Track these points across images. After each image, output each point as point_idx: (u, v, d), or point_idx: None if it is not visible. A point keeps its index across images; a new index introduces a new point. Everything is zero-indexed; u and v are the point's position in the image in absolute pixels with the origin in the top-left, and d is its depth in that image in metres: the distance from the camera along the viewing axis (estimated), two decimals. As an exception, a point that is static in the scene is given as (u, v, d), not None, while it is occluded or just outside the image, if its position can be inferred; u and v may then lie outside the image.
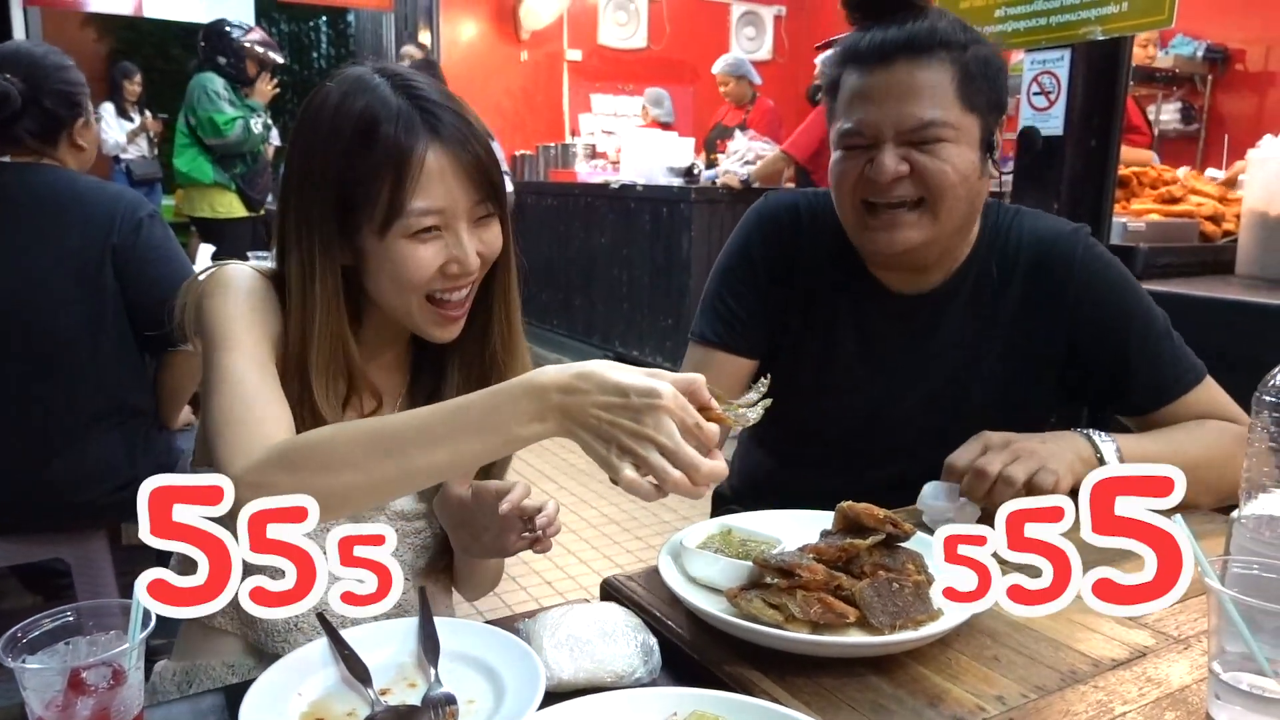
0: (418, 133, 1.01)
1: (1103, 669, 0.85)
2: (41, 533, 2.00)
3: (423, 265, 1.03)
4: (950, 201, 1.26)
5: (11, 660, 0.69)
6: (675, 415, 0.76)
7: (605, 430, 0.77)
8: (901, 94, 1.23)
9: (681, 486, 0.76)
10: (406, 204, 1.00)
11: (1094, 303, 1.34)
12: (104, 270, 1.85)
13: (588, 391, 0.77)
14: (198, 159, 5.02)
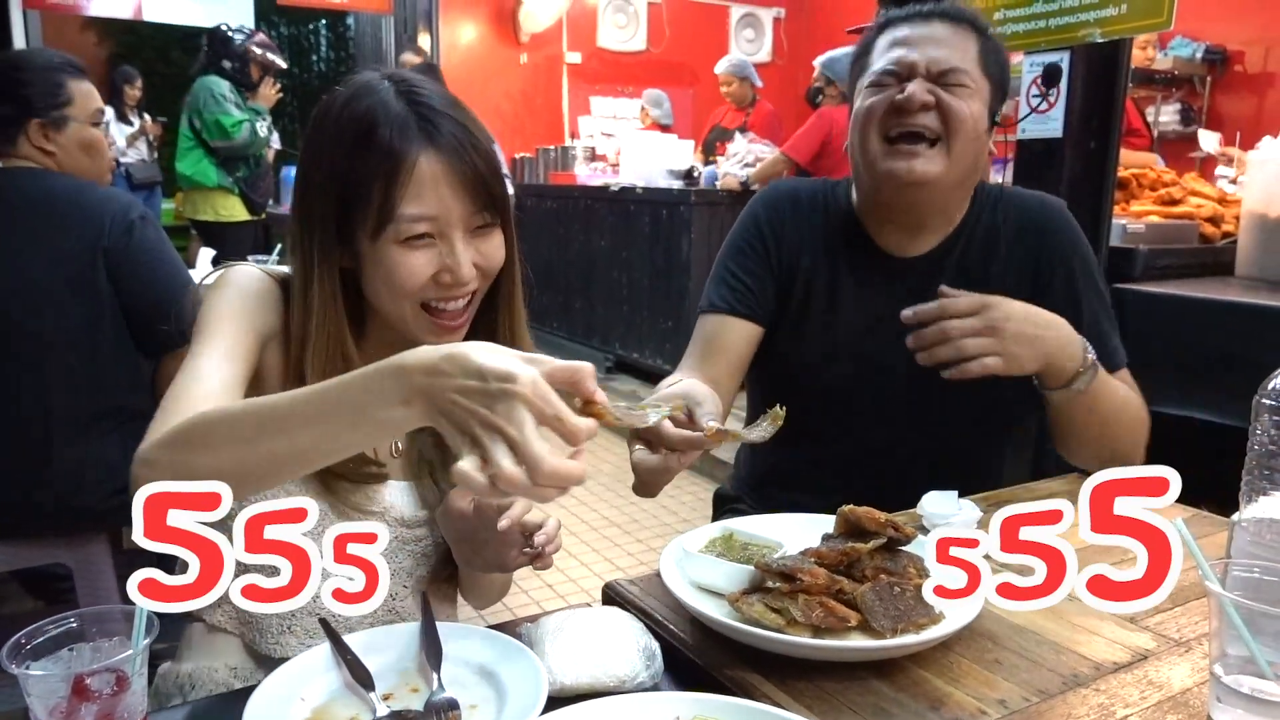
0: (412, 138, 1.00)
1: (1104, 672, 0.86)
2: (42, 536, 2.00)
3: (414, 273, 1.02)
4: (963, 142, 1.36)
5: (15, 666, 0.69)
6: (532, 404, 0.69)
7: (460, 418, 0.70)
8: (937, 42, 1.38)
9: (514, 483, 0.67)
10: (397, 209, 1.00)
11: (1066, 265, 1.45)
12: (97, 273, 1.85)
13: (450, 375, 0.71)
14: (201, 162, 5.03)
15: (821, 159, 4.87)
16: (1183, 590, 1.00)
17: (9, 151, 1.92)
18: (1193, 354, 2.45)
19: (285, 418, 0.78)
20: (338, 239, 1.04)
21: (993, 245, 1.46)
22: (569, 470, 0.69)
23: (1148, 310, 2.54)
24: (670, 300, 5.22)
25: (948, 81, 1.36)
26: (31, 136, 1.91)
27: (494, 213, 1.06)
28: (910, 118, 1.34)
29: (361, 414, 0.75)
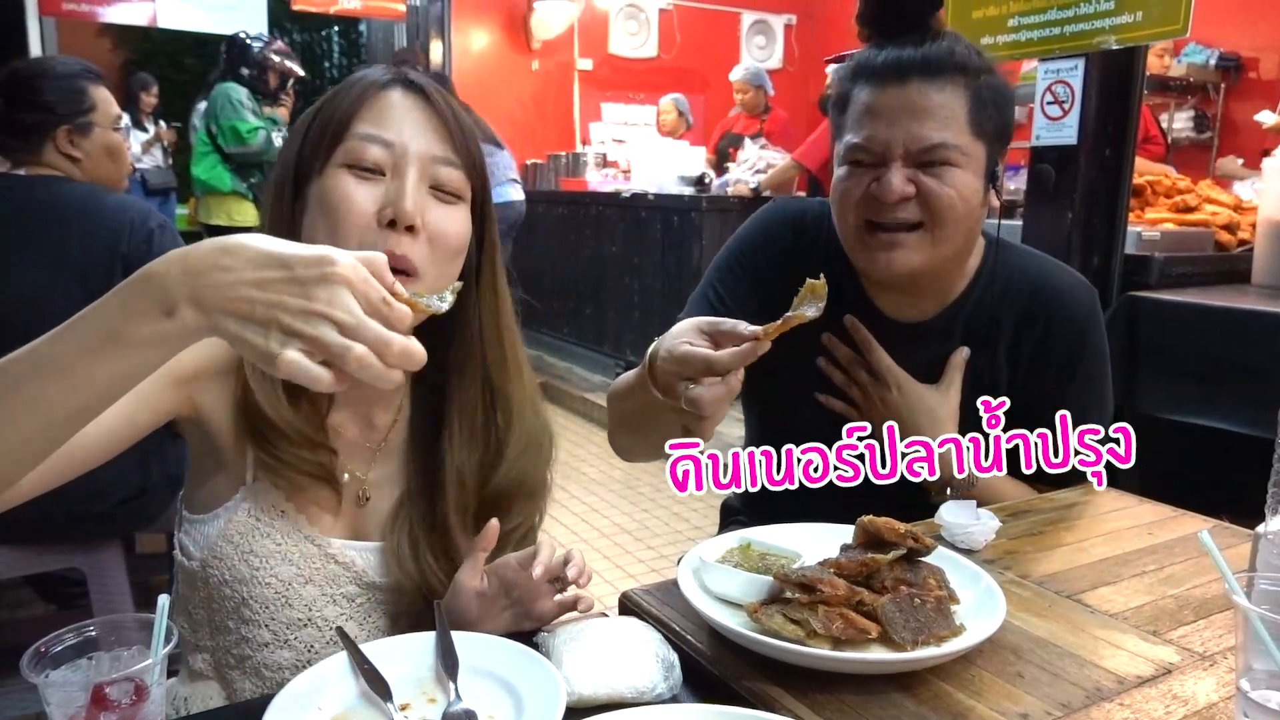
0: (390, 78, 0.98)
1: (1128, 686, 0.85)
2: (56, 542, 2.01)
3: (354, 202, 0.93)
4: (951, 227, 1.25)
5: (35, 674, 0.69)
6: (356, 288, 0.64)
7: (261, 312, 0.63)
8: (914, 113, 1.22)
9: (366, 364, 0.63)
10: (351, 126, 0.95)
11: (1070, 354, 1.36)
12: (113, 280, 1.84)
13: (233, 269, 0.64)
14: (217, 167, 5.09)
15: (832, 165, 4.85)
16: (1206, 603, 1.00)
17: (32, 159, 1.93)
18: (1208, 362, 2.43)
19: (34, 370, 0.68)
20: (291, 195, 0.98)
21: (1002, 320, 1.36)
22: (417, 349, 0.65)
23: (1163, 318, 2.52)
24: (682, 306, 5.18)
25: (931, 160, 1.22)
26: (59, 143, 1.93)
27: (459, 174, 0.98)
28: (889, 210, 1.24)
29: (117, 336, 0.66)
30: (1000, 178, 1.32)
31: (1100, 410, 1.41)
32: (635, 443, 1.35)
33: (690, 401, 0.97)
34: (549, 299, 6.59)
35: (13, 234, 1.86)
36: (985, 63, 1.27)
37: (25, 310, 1.83)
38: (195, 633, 1.07)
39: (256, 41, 5.15)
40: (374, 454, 1.08)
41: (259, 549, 1.00)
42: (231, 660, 1.04)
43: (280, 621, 1.02)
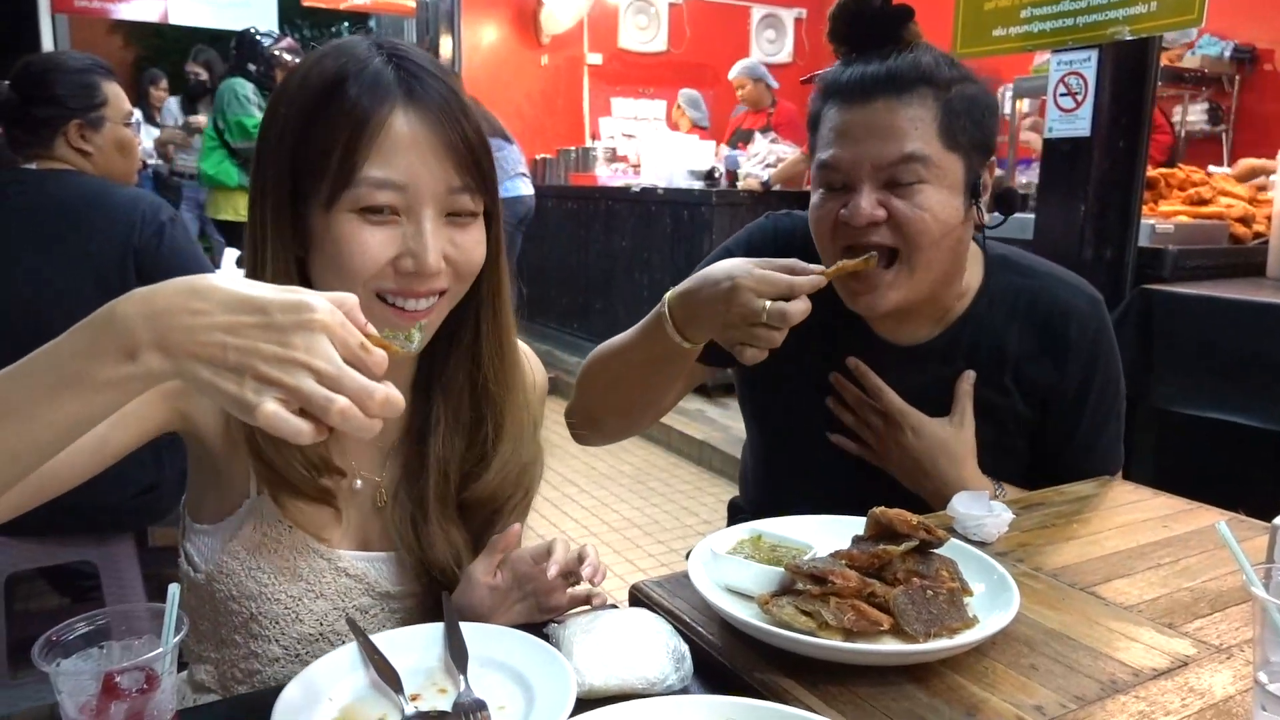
0: (388, 91, 0.86)
1: (1143, 679, 0.84)
2: (69, 534, 2.02)
3: (368, 251, 0.86)
4: (928, 252, 1.21)
5: (46, 663, 0.69)
6: (335, 334, 0.62)
7: (234, 358, 0.61)
8: (880, 131, 1.19)
9: (350, 415, 0.61)
10: (359, 169, 0.85)
11: (1082, 378, 1.34)
12: (126, 273, 1.87)
13: (203, 312, 0.61)
14: (224, 163, 5.11)
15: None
16: (1222, 596, 0.99)
17: (44, 154, 1.94)
18: (1223, 356, 2.41)
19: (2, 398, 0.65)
20: (290, 217, 0.90)
21: (1007, 343, 1.33)
22: (396, 397, 0.64)
23: (1177, 312, 2.50)
24: (691, 301, 5.21)
25: (900, 179, 1.18)
26: (70, 137, 1.94)
27: (477, 197, 0.92)
28: (861, 234, 1.20)
29: (76, 379, 0.63)
30: (985, 191, 1.27)
31: (1115, 421, 1.40)
32: (615, 405, 1.40)
33: (776, 314, 1.08)
34: (558, 293, 6.59)
35: (26, 228, 1.86)
36: (959, 72, 1.23)
37: (40, 304, 1.85)
38: (200, 644, 1.04)
39: (266, 38, 5.17)
40: (385, 456, 1.05)
41: (266, 565, 0.98)
42: (239, 674, 1.02)
43: (291, 636, 1.00)
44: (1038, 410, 1.35)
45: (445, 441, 1.03)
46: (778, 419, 1.46)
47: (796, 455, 1.45)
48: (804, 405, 1.39)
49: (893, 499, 1.19)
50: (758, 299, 1.09)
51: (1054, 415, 1.35)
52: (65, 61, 2.00)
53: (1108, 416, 1.38)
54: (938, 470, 1.29)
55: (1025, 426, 1.36)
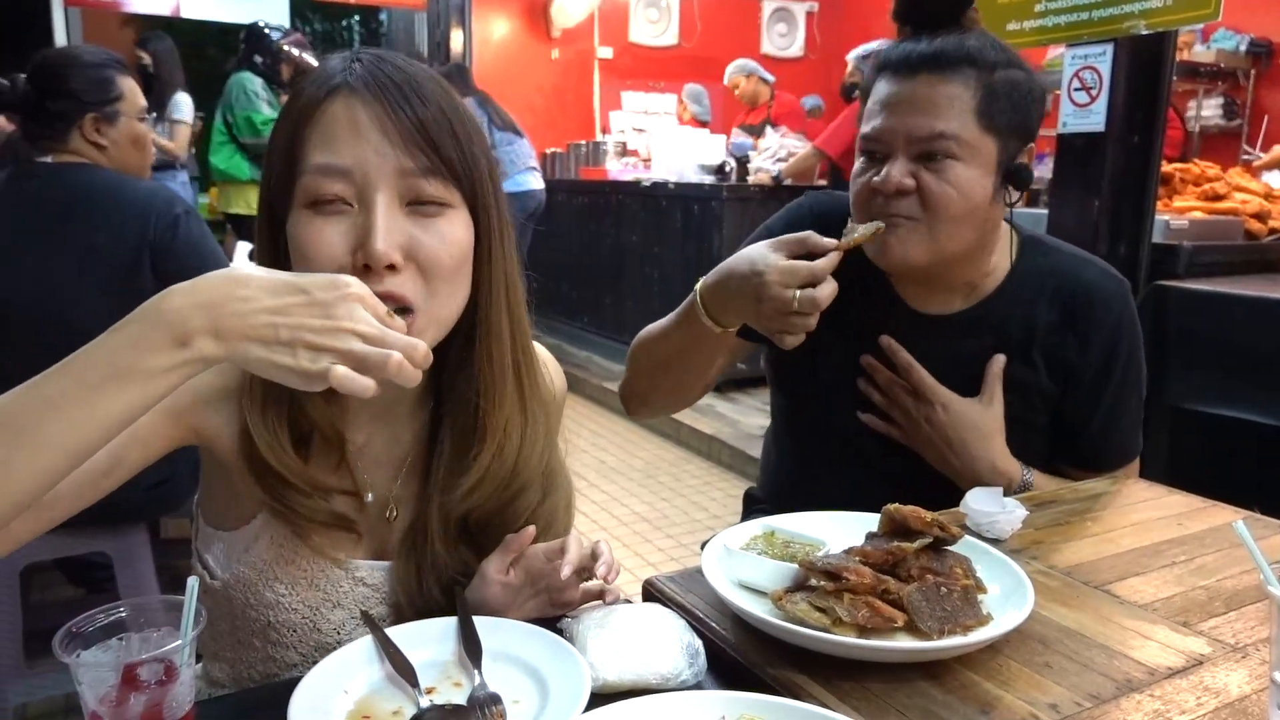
0: (330, 78, 0.85)
1: (1158, 677, 0.84)
2: (84, 526, 2.03)
3: (321, 245, 0.83)
4: (950, 225, 1.25)
5: (66, 654, 0.69)
6: (368, 303, 0.71)
7: (286, 335, 0.68)
8: (919, 105, 1.24)
9: (405, 369, 0.70)
10: (303, 159, 0.83)
11: (1105, 359, 1.35)
12: (140, 267, 1.88)
13: (250, 298, 0.68)
14: (234, 157, 5.14)
15: (853, 153, 4.82)
16: (1237, 594, 0.99)
17: (59, 147, 1.95)
18: (1238, 353, 2.40)
19: (40, 411, 0.68)
20: (269, 232, 0.90)
21: (1035, 319, 1.35)
22: (426, 347, 0.73)
23: (1191, 308, 2.49)
24: (701, 296, 5.20)
25: (932, 152, 1.23)
26: (85, 131, 1.95)
27: (443, 182, 0.85)
28: (889, 203, 1.25)
29: (128, 371, 0.67)
30: (1023, 176, 1.29)
31: (1135, 405, 1.41)
32: (662, 385, 1.49)
33: (807, 301, 1.15)
34: (569, 288, 6.59)
35: (41, 220, 1.88)
36: (1006, 57, 1.26)
37: (57, 296, 1.86)
38: (216, 642, 1.04)
39: (275, 32, 5.17)
40: (399, 469, 1.02)
41: (284, 575, 0.97)
42: (256, 675, 1.02)
43: (309, 644, 0.99)
44: (1061, 386, 1.36)
45: (449, 460, 0.98)
46: (807, 395, 1.47)
47: (824, 436, 1.46)
48: (835, 378, 1.42)
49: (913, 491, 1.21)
50: (786, 290, 1.15)
51: (1076, 393, 1.36)
52: (81, 56, 2.01)
53: (1128, 399, 1.40)
54: (966, 448, 1.31)
55: (1049, 402, 1.37)
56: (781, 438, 1.56)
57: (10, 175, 1.93)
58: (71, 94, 1.93)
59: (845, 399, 1.41)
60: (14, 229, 1.87)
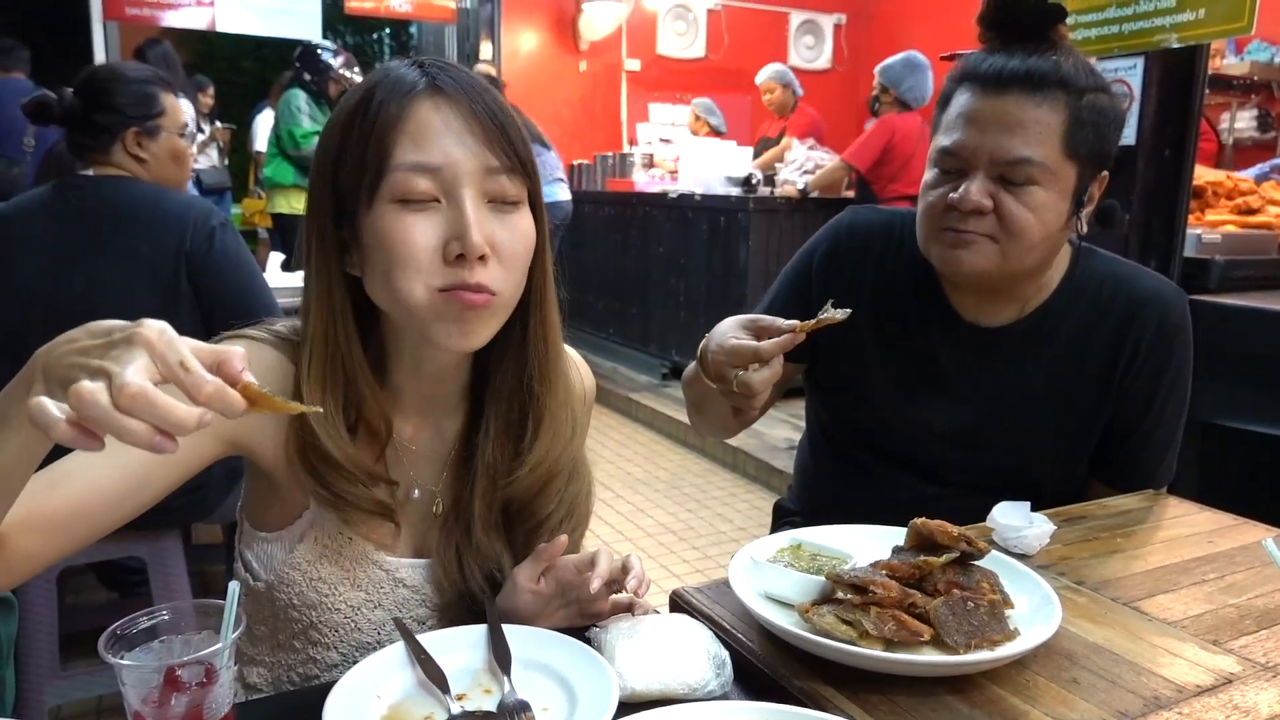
0: (412, 85, 0.88)
1: (1187, 695, 0.83)
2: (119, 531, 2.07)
3: (412, 237, 0.86)
4: (1024, 249, 1.25)
5: (111, 656, 0.71)
6: (153, 348, 0.62)
7: (69, 374, 0.63)
8: (1006, 125, 1.21)
9: (87, 400, 0.58)
10: (392, 158, 0.86)
11: (1155, 377, 1.34)
12: (178, 278, 1.92)
13: (75, 339, 0.66)
14: (282, 165, 5.50)
15: (882, 166, 4.83)
16: (1269, 613, 0.98)
17: (101, 159, 2.00)
18: (1270, 368, 2.37)
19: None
20: (335, 237, 0.92)
21: (1088, 332, 1.35)
22: (166, 405, 0.59)
23: (1223, 323, 2.46)
24: (728, 307, 5.21)
25: (1013, 178, 1.21)
26: (127, 144, 2.00)
27: (517, 180, 0.91)
28: (964, 221, 1.24)
29: (6, 417, 0.69)
30: (1089, 203, 1.29)
31: (1176, 422, 1.39)
32: (702, 422, 1.50)
33: (742, 384, 1.11)
34: (595, 299, 6.62)
35: (84, 231, 1.92)
36: (1094, 81, 1.24)
37: (96, 305, 1.90)
38: (254, 646, 1.06)
39: (325, 52, 5.47)
40: (444, 464, 1.05)
41: (327, 575, 0.99)
42: (295, 678, 1.04)
43: (350, 644, 1.02)
44: (1109, 398, 1.35)
45: (495, 447, 1.02)
46: (854, 406, 1.46)
47: (868, 448, 1.46)
48: (884, 389, 1.42)
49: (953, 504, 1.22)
50: (730, 369, 1.13)
51: (1122, 402, 1.35)
52: (126, 72, 2.06)
53: (1173, 416, 1.38)
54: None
55: (1098, 415, 1.36)
56: (820, 449, 1.56)
57: (55, 186, 1.98)
58: (116, 108, 1.98)
59: (893, 410, 1.42)
60: (61, 239, 1.92)
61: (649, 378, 5.92)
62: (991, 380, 1.36)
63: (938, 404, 1.39)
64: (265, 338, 0.98)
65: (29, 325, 1.91)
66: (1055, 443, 1.36)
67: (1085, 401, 1.36)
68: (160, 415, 0.59)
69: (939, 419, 1.39)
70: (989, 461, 1.37)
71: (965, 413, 1.38)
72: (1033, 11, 1.25)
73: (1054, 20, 1.25)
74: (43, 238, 1.92)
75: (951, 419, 1.38)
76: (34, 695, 2.04)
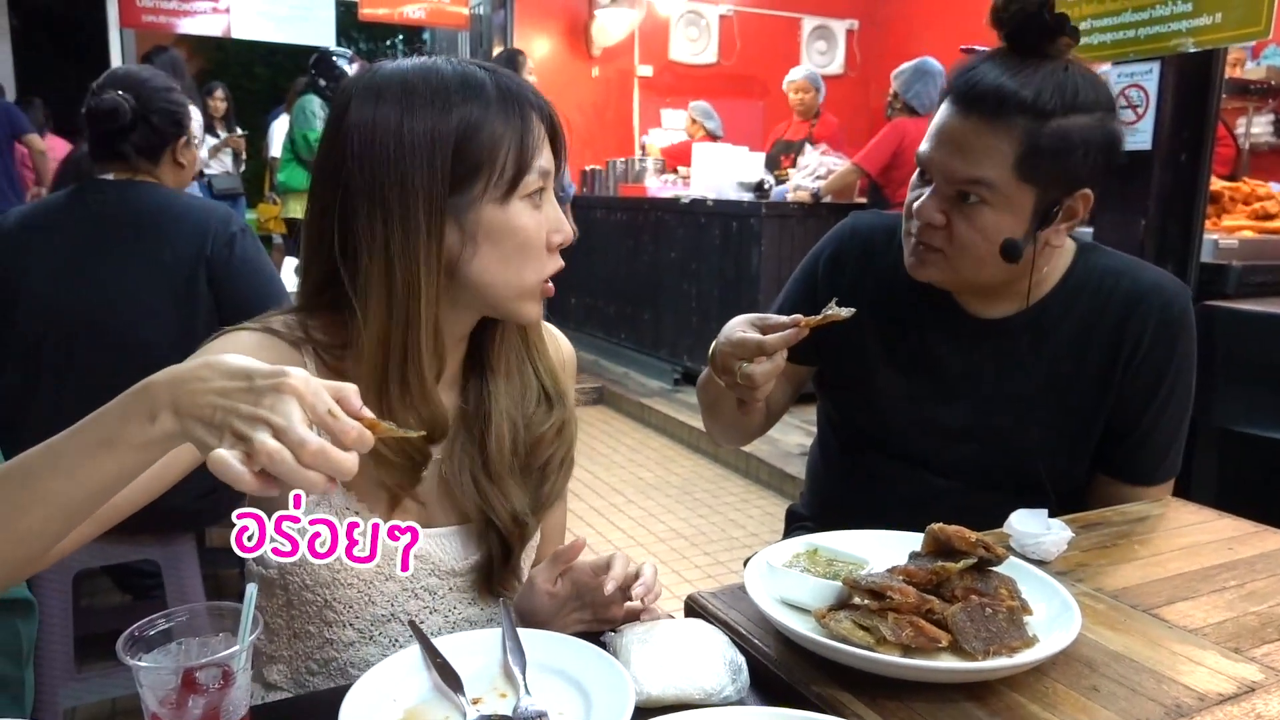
0: (524, 94, 0.98)
1: (1209, 704, 0.82)
2: (134, 534, 2.08)
3: (537, 231, 0.98)
4: (972, 263, 1.28)
5: (130, 658, 0.72)
6: (304, 399, 0.68)
7: (219, 418, 0.68)
8: (960, 147, 1.24)
9: (277, 460, 0.65)
10: (532, 161, 0.96)
11: (1160, 367, 1.34)
12: (197, 283, 1.94)
13: (207, 379, 0.70)
14: (296, 170, 5.58)
15: (893, 170, 4.82)
16: (1292, 621, 0.97)
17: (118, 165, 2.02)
18: (1289, 375, 2.35)
19: (45, 464, 0.75)
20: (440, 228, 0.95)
21: (1090, 323, 1.35)
22: (339, 457, 0.67)
23: (1240, 329, 2.45)
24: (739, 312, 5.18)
25: (965, 196, 1.24)
26: (177, 152, 2.05)
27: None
28: (921, 231, 1.29)
29: (114, 441, 0.73)
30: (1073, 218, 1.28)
31: (1180, 417, 1.39)
32: (716, 427, 1.54)
33: (745, 376, 1.16)
34: (607, 304, 6.63)
35: (106, 235, 1.94)
36: (1073, 103, 1.21)
37: (125, 308, 1.92)
38: (272, 642, 1.08)
39: (340, 59, 5.46)
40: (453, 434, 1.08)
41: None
42: (314, 666, 1.06)
43: (365, 619, 1.04)
44: (1113, 388, 1.35)
45: (511, 408, 1.08)
46: (865, 405, 1.48)
47: (880, 448, 1.46)
48: (894, 387, 1.43)
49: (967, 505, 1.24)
50: (734, 361, 1.18)
51: (1126, 393, 1.35)
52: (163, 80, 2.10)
53: (1177, 409, 1.38)
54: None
55: (1100, 407, 1.36)
56: (831, 452, 1.57)
57: (75, 191, 2.00)
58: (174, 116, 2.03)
59: (898, 407, 1.43)
60: (84, 243, 1.94)
61: (661, 383, 5.92)
62: (994, 374, 1.38)
63: (942, 399, 1.40)
64: (272, 327, 1.02)
65: (47, 331, 1.93)
66: (1058, 436, 1.37)
67: (1087, 395, 1.36)
68: (333, 466, 0.67)
69: (944, 414, 1.40)
70: (994, 455, 1.38)
71: (969, 407, 1.39)
72: (1036, 22, 1.23)
73: (1055, 34, 1.23)
74: (63, 242, 1.94)
75: (956, 414, 1.40)
76: (49, 697, 2.05)
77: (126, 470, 0.75)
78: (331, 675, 1.05)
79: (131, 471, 0.75)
